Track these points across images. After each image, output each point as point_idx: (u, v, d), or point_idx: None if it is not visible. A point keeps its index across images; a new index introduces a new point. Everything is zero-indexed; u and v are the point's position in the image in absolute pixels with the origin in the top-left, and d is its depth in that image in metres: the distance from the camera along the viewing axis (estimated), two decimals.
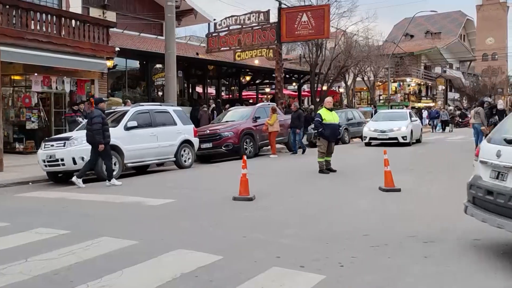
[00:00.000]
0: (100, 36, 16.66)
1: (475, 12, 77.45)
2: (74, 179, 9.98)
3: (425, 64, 53.23)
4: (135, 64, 22.39)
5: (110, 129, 10.27)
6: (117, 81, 21.65)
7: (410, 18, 44.29)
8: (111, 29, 17.64)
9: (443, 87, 54.96)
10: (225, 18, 24.13)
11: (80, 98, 16.61)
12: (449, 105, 47.57)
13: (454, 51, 56.93)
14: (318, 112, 11.91)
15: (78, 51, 15.76)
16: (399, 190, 8.35)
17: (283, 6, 23.16)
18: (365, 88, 41.86)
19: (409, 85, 49.47)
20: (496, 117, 16.29)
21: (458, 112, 37.46)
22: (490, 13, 74.72)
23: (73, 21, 15.93)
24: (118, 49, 17.57)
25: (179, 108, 14.29)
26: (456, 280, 4.12)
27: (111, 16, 22.16)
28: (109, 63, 17.29)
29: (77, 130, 12.09)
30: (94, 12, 21.41)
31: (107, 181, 10.00)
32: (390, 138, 18.53)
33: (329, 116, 11.26)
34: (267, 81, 31.33)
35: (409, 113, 21.24)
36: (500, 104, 17.18)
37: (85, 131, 10.30)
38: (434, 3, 52.66)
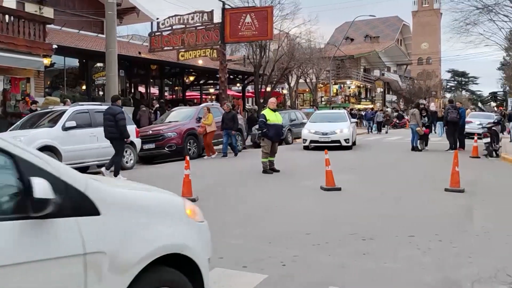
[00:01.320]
0: (36, 32, 15.97)
1: (411, 17, 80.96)
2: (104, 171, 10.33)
3: (364, 67, 54.96)
4: (74, 62, 21.64)
5: (46, 129, 9.93)
6: (55, 79, 20.84)
7: (350, 22, 45.60)
8: (48, 26, 16.95)
9: (382, 90, 56.98)
10: (168, 18, 23.83)
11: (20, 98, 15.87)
12: (387, 107, 49.35)
13: (392, 54, 59.17)
14: (262, 112, 12.02)
15: (12, 48, 15.02)
16: (339, 189, 8.57)
17: (226, 6, 23.16)
18: (307, 90, 42.67)
19: (349, 87, 50.91)
20: (426, 118, 17.16)
21: (395, 114, 38.93)
22: (425, 19, 78.36)
23: (7, 16, 15.18)
24: (56, 46, 16.92)
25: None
26: (393, 275, 4.29)
27: (48, 12, 21.28)
28: (46, 61, 16.62)
29: (10, 130, 11.53)
30: (30, 8, 20.49)
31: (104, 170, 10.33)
32: (332, 141, 17.14)
33: (272, 117, 11.39)
34: (211, 81, 31.24)
35: (347, 113, 20.82)
36: (432, 106, 18.02)
37: (22, 131, 9.90)
38: (373, 8, 54.50)
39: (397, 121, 40.02)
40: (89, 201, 2.36)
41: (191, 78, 30.68)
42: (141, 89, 27.43)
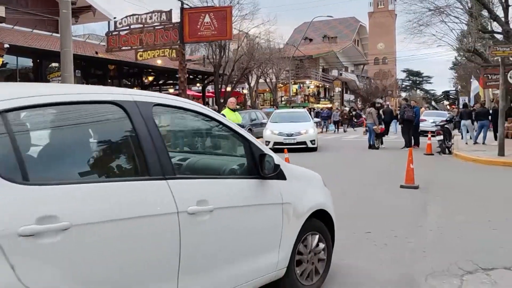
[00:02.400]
0: None
1: (367, 18, 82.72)
2: None
3: (323, 67, 55.77)
4: (28, 62, 20.98)
5: None
6: (7, 80, 20.15)
7: (309, 23, 46.17)
8: None
9: (340, 89, 57.93)
10: (126, 17, 23.44)
11: None
12: (345, 106, 50.27)
13: (349, 55, 60.32)
14: (222, 112, 12.03)
15: None
16: None
17: (185, 6, 23.01)
18: (267, 90, 42.95)
19: (308, 87, 51.53)
20: (382, 116, 17.66)
21: (354, 113, 39.73)
22: (381, 20, 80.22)
23: None
24: (8, 45, 16.36)
25: None
26: (353, 272, 4.41)
27: None
28: None
29: None
30: None
31: None
32: (298, 143, 16.41)
33: (232, 116, 11.40)
34: (171, 81, 30.98)
35: (308, 113, 20.84)
36: (388, 105, 18.50)
37: None
38: (330, 8, 55.41)
39: (355, 120, 40.82)
40: (281, 171, 3.61)
41: (150, 78, 30.33)
42: None
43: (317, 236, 3.98)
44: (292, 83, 44.71)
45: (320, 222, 4.06)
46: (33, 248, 2.13)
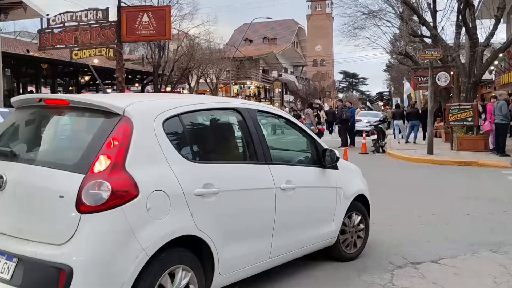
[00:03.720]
0: None
1: (306, 21, 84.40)
2: None
3: (263, 68, 56.28)
4: None
5: None
6: None
7: (249, 24, 46.45)
8: None
9: (280, 90, 58.67)
10: (60, 14, 22.55)
11: None
12: (285, 107, 50.98)
13: (289, 56, 61.24)
14: None
15: None
16: None
17: (122, 5, 22.50)
18: (208, 90, 42.77)
19: (249, 88, 51.84)
20: (325, 116, 18.12)
21: (293, 113, 40.33)
22: (318, 22, 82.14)
23: None
24: None
25: (5, 109, 12.98)
26: (272, 273, 4.52)
27: None
28: None
29: None
30: None
31: None
32: None
33: None
34: (109, 81, 30.16)
35: None
36: (327, 106, 19.02)
37: None
38: (270, 10, 56.03)
39: None
40: (336, 164, 4.74)
41: (87, 78, 29.38)
42: (31, 89, 25.72)
43: (359, 216, 5.05)
44: (233, 83, 44.81)
45: (360, 205, 5.11)
46: (201, 203, 3.29)
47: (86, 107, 3.27)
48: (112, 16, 22.05)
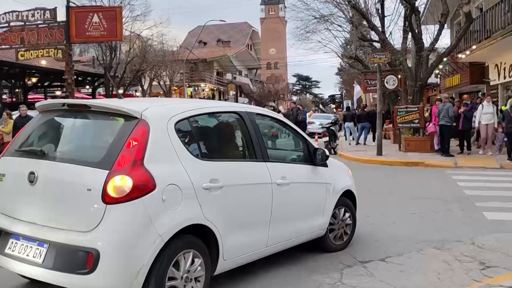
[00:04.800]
0: None
1: (259, 24, 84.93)
2: None
3: (217, 71, 56.14)
4: None
5: None
6: None
7: (202, 26, 46.25)
8: None
9: (234, 92, 58.74)
10: (5, 13, 21.67)
11: None
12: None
13: (243, 59, 61.40)
14: None
15: None
16: None
17: (72, 4, 21.90)
18: (161, 93, 42.25)
19: (203, 90, 51.57)
20: None
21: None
22: (272, 26, 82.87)
23: None
24: None
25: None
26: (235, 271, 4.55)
27: None
28: None
29: None
30: None
31: None
32: None
33: None
34: (57, 83, 29.25)
35: None
36: (282, 108, 19.21)
37: None
38: (224, 12, 55.99)
39: None
40: (326, 162, 5.20)
41: (34, 80, 28.37)
42: None
43: (346, 210, 5.50)
44: (187, 86, 44.46)
45: (348, 200, 5.57)
46: (208, 196, 3.72)
47: (106, 111, 3.70)
48: (61, 16, 21.40)
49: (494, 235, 5.89)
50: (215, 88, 54.63)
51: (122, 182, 3.26)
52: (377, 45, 19.89)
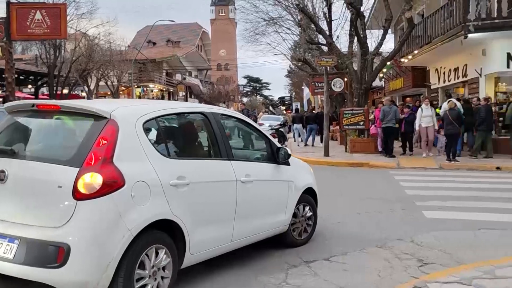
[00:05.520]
0: None
1: (210, 25, 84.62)
2: None
3: (167, 71, 55.45)
4: None
5: None
6: None
7: (151, 26, 45.55)
8: None
9: (184, 93, 58.21)
10: None
11: None
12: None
13: (193, 59, 60.92)
14: None
15: None
16: None
17: (12, 0, 21.01)
18: (109, 93, 41.25)
19: (152, 91, 50.79)
20: None
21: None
22: (222, 27, 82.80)
23: None
24: None
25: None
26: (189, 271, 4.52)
27: None
28: None
29: None
30: None
31: None
32: None
33: None
34: None
35: None
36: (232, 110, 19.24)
37: None
38: (174, 12, 55.37)
39: None
40: (288, 160, 5.42)
41: None
42: None
43: (308, 207, 5.78)
44: (135, 86, 43.64)
45: (309, 197, 5.83)
46: (175, 192, 3.89)
47: (76, 112, 3.83)
48: (1, 12, 20.52)
49: (432, 233, 6.14)
50: (164, 89, 53.91)
51: (92, 179, 3.40)
52: (325, 48, 20.31)
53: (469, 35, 13.97)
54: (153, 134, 4.08)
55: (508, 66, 14.84)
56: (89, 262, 3.34)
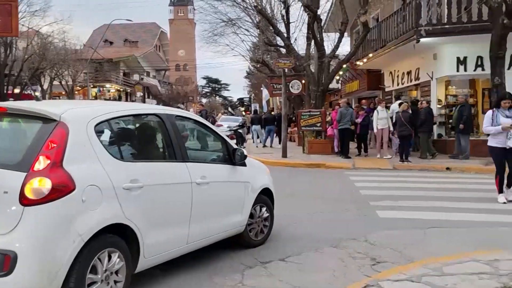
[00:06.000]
0: None
1: (168, 25, 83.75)
2: None
3: (124, 71, 54.46)
4: None
5: None
6: None
7: (108, 25, 44.65)
8: None
9: (142, 94, 57.35)
10: None
11: None
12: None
13: (151, 60, 60.09)
14: None
15: None
16: None
17: None
18: (63, 93, 40.12)
19: (109, 91, 49.77)
20: None
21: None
22: (181, 27, 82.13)
23: None
24: None
25: None
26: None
27: None
28: None
29: None
30: None
31: None
32: None
33: None
34: None
35: None
36: (193, 111, 19.10)
37: None
38: (132, 11, 54.51)
39: None
40: (244, 161, 5.44)
41: None
42: None
43: (264, 207, 5.81)
44: (91, 86, 42.64)
45: (266, 198, 5.85)
46: (128, 195, 3.81)
47: (24, 114, 3.76)
48: None
49: (385, 232, 6.30)
50: (121, 89, 52.92)
51: (41, 184, 3.31)
52: (283, 50, 20.50)
53: (421, 40, 14.44)
54: (106, 136, 4.00)
55: (457, 70, 15.44)
56: (37, 270, 3.24)
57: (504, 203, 7.98)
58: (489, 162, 12.53)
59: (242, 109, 68.02)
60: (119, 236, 3.78)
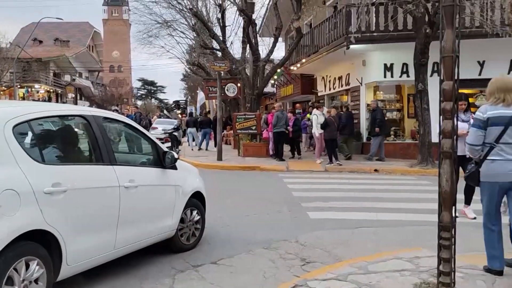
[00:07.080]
0: None
1: (102, 25, 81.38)
2: None
3: (54, 71, 52.30)
4: None
5: None
6: None
7: (37, 23, 42.68)
8: None
9: (73, 95, 55.33)
10: None
11: None
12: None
13: (83, 60, 58.11)
14: None
15: None
16: None
17: None
18: None
19: (38, 92, 47.58)
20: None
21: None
22: (115, 28, 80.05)
23: None
24: None
25: None
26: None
27: None
28: None
29: None
30: None
31: None
32: None
33: None
34: None
35: None
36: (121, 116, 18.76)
37: None
38: (63, 10, 52.42)
39: None
40: (175, 164, 5.37)
41: None
42: None
43: (196, 211, 5.77)
44: (18, 86, 40.56)
45: (197, 201, 5.82)
46: (49, 200, 3.65)
47: None
48: None
49: (315, 233, 6.47)
50: (51, 90, 50.76)
51: None
52: (219, 53, 20.51)
53: (351, 46, 14.99)
54: (27, 138, 3.84)
55: (385, 76, 16.17)
56: None
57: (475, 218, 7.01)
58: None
59: (178, 111, 67.26)
60: (39, 243, 3.60)
